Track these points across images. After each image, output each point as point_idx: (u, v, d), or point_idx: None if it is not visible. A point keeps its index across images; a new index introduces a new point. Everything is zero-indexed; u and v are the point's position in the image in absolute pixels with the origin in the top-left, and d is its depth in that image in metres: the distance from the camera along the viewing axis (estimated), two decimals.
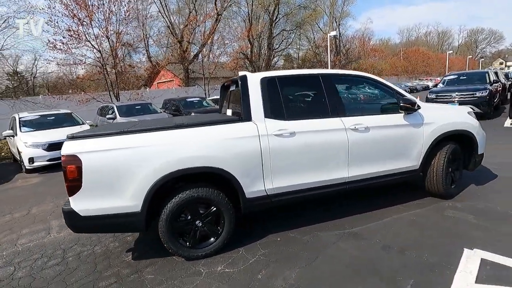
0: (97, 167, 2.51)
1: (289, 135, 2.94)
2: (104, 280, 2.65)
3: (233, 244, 2.99)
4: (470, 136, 3.70)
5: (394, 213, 3.46)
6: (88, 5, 13.75)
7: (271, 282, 2.41)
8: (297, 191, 3.06)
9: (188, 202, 2.72)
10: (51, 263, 3.04)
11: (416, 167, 3.48)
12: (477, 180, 4.26)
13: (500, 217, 3.17)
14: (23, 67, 39.03)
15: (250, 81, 3.01)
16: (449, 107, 4.16)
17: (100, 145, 2.55)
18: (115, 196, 2.55)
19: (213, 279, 2.53)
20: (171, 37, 21.79)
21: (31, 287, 2.65)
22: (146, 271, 2.72)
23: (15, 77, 35.27)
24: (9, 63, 31.50)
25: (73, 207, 2.52)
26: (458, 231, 2.96)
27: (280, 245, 2.98)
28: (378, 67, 39.91)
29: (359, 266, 2.53)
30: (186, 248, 2.79)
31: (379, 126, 3.27)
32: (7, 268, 3.03)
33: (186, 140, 2.70)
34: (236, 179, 2.79)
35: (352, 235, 3.06)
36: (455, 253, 2.58)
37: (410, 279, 2.30)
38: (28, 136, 7.58)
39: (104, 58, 15.43)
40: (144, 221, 2.63)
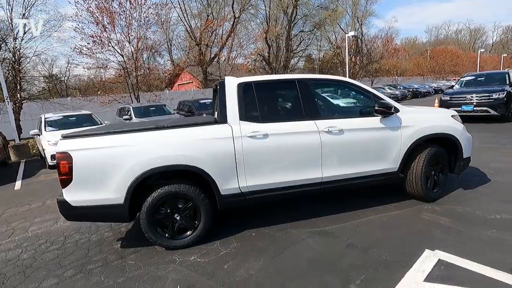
0: (85, 163, 2.85)
1: (262, 137, 3.14)
2: (92, 264, 2.99)
3: (211, 237, 3.24)
4: (453, 140, 3.70)
5: (371, 214, 3.54)
6: (111, 12, 14.66)
7: (233, 272, 2.63)
8: (271, 190, 3.24)
9: (166, 196, 3.00)
10: (52, 248, 3.44)
11: (394, 169, 3.54)
12: (467, 184, 4.21)
13: (476, 221, 3.17)
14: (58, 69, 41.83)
15: (228, 86, 3.25)
16: (432, 110, 4.14)
17: (89, 144, 2.89)
18: (101, 189, 2.88)
19: (185, 267, 2.78)
20: (190, 41, 22.50)
21: (32, 267, 3.05)
22: (129, 258, 3.03)
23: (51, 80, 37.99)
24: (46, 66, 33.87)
25: (65, 198, 2.89)
26: (427, 233, 3.01)
27: (253, 240, 3.18)
28: (402, 67, 38.62)
29: (319, 262, 2.68)
30: (165, 238, 3.07)
31: (354, 129, 3.38)
32: (16, 250, 3.47)
33: (165, 140, 2.98)
34: (211, 177, 3.03)
35: (322, 233, 3.20)
36: (415, 253, 2.66)
37: (362, 275, 2.42)
38: (51, 135, 8.28)
39: (125, 61, 16.36)
40: (127, 213, 2.94)
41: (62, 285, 2.68)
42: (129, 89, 16.49)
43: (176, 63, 27.60)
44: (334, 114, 3.60)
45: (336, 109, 4.03)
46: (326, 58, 37.01)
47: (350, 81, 3.61)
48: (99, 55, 15.54)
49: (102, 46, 14.25)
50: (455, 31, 75.07)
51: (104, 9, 14.47)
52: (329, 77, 3.64)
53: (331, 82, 3.70)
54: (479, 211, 3.39)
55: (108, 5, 14.78)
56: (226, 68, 20.09)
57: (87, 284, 2.66)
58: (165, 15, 20.69)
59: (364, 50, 35.38)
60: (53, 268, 2.99)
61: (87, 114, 9.93)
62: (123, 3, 15.04)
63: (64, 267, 2.98)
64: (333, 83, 3.72)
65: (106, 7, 14.61)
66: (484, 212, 3.34)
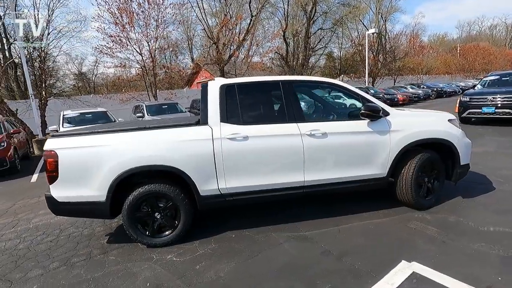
0: (70, 161, 2.98)
1: (242, 139, 3.13)
2: (77, 257, 3.13)
3: (192, 236, 3.29)
4: (448, 145, 3.50)
5: (356, 220, 3.44)
6: (131, 12, 15.17)
7: (203, 273, 2.65)
8: (251, 192, 3.24)
9: (147, 195, 3.08)
10: (47, 240, 3.64)
11: (382, 175, 3.41)
12: (468, 193, 3.97)
13: (466, 233, 2.99)
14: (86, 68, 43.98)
15: (210, 88, 3.27)
16: (427, 114, 3.93)
17: (74, 143, 3.02)
18: (84, 186, 3.01)
19: (159, 265, 2.85)
20: (207, 39, 22.77)
21: (24, 257, 3.25)
22: (112, 253, 3.15)
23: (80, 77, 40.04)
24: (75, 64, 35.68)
25: (52, 194, 3.04)
26: (410, 242, 2.88)
27: (231, 241, 3.19)
28: (428, 65, 36.87)
29: (290, 267, 2.64)
30: (145, 236, 3.15)
31: (339, 133, 3.29)
32: (15, 240, 3.71)
33: (145, 141, 3.06)
34: (190, 178, 3.07)
35: (301, 238, 3.15)
36: (390, 264, 2.55)
37: (328, 284, 2.37)
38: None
39: (143, 60, 16.88)
40: (109, 210, 3.04)
41: (45, 276, 2.84)
42: (147, 87, 17.01)
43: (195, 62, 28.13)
44: (319, 117, 3.52)
45: (322, 111, 3.92)
46: (347, 56, 36.13)
47: (337, 83, 3.51)
48: (119, 54, 16.19)
49: (121, 45, 14.80)
50: (490, 27, 70.46)
51: (124, 10, 14.99)
52: (314, 78, 3.56)
53: (317, 84, 3.62)
54: (473, 222, 3.19)
55: (128, 5, 15.32)
56: (241, 67, 20.15)
57: (67, 276, 2.80)
58: (183, 15, 21.10)
59: (387, 48, 34.16)
60: (42, 259, 3.17)
61: (102, 112, 10.36)
62: (142, 3, 15.53)
63: (51, 259, 3.15)
64: (319, 85, 3.63)
65: (126, 8, 15.14)
66: (477, 223, 3.14)
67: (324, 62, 41.70)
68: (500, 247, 2.68)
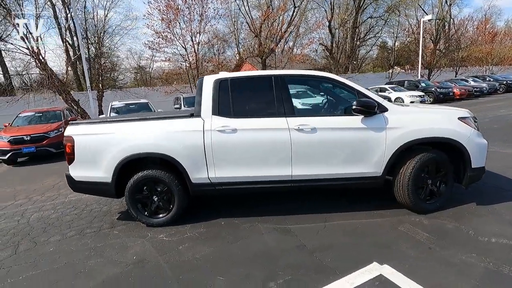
0: (84, 146, 3.45)
1: (231, 131, 3.27)
2: (90, 229, 3.64)
3: (186, 221, 3.56)
4: (457, 146, 3.19)
5: (348, 218, 3.36)
6: (177, 9, 16.10)
7: (183, 253, 2.90)
8: (239, 183, 3.37)
9: (145, 180, 3.42)
10: (73, 212, 4.25)
11: (377, 174, 3.27)
12: (487, 199, 3.58)
13: (460, 242, 2.74)
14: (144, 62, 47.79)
15: (205, 82, 3.45)
16: (435, 110, 3.57)
17: (87, 130, 3.48)
18: (95, 168, 3.45)
19: (150, 242, 3.17)
20: (249, 32, 23.03)
21: (52, 225, 3.86)
22: (117, 228, 3.59)
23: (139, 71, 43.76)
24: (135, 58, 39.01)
25: (70, 173, 3.56)
26: (392, 245, 2.75)
27: (220, 228, 3.39)
28: (500, 54, 32.20)
29: (262, 256, 2.74)
30: (144, 216, 3.51)
31: (329, 128, 3.22)
32: (50, 211, 4.41)
33: (145, 131, 3.38)
34: (182, 166, 3.32)
35: (284, 230, 3.20)
36: (360, 264, 2.49)
37: (289, 276, 2.42)
38: None
39: (188, 54, 17.84)
40: (114, 190, 3.45)
41: (61, 241, 3.37)
42: (189, 80, 17.97)
43: (235, 54, 28.60)
44: (311, 112, 3.48)
45: (315, 106, 3.83)
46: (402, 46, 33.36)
47: (332, 77, 3.40)
48: (166, 49, 17.37)
49: (166, 41, 15.85)
50: None
51: (170, 7, 15.96)
52: (307, 72, 3.49)
53: (310, 78, 3.55)
54: (474, 231, 2.90)
55: (175, 2, 16.26)
56: (282, 59, 20.02)
57: (77, 244, 3.29)
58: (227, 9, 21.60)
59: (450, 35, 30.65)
60: (64, 228, 3.75)
61: (144, 103, 11.30)
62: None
63: (71, 228, 3.70)
64: (312, 79, 3.55)
65: (172, 4, 16.10)
66: (478, 233, 2.85)
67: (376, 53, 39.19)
68: (492, 260, 2.43)
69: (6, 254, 3.18)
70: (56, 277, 2.69)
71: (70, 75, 17.20)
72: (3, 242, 3.49)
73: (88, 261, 2.91)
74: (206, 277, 2.49)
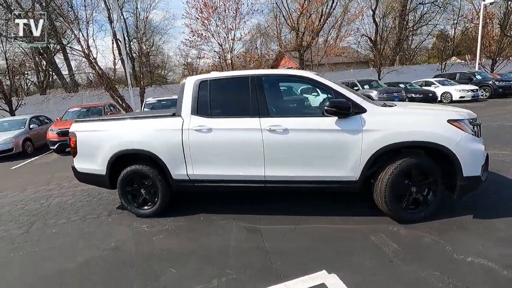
0: (84, 141, 3.86)
1: (206, 131, 3.38)
2: (91, 215, 4.08)
3: (170, 214, 3.78)
4: (443, 151, 2.87)
5: (323, 222, 3.26)
6: (212, 7, 16.58)
7: (154, 244, 3.11)
8: (215, 181, 3.48)
9: (133, 173, 3.72)
10: (85, 199, 4.78)
11: (353, 178, 3.10)
12: (489, 211, 3.18)
13: (429, 257, 2.50)
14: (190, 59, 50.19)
15: (187, 83, 3.60)
16: (421, 112, 3.20)
17: (87, 127, 3.89)
18: (93, 161, 3.85)
19: (132, 232, 3.46)
20: (287, 26, 22.69)
21: (65, 210, 4.40)
22: (112, 216, 3.97)
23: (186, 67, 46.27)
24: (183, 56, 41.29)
25: (74, 165, 4.01)
26: (351, 255, 2.62)
27: (197, 223, 3.55)
28: None
29: (221, 253, 2.82)
30: (133, 207, 3.82)
31: (301, 129, 3.14)
32: (68, 197, 5.01)
33: (133, 129, 3.66)
34: (164, 162, 3.53)
35: (253, 230, 3.23)
36: (308, 271, 2.43)
37: (234, 275, 2.47)
38: None
39: (223, 51, 18.30)
40: (108, 182, 3.82)
41: (65, 224, 3.85)
42: None
43: (278, 49, 28.42)
44: (286, 112, 3.39)
45: (291, 107, 3.69)
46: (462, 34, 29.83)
47: (309, 76, 3.26)
48: (204, 46, 18.05)
49: (201, 38, 16.45)
50: None
51: (205, 5, 16.49)
52: (284, 72, 3.40)
53: (286, 77, 3.44)
54: (453, 247, 2.61)
55: (212, 1, 16.74)
56: (318, 53, 19.39)
57: (75, 227, 3.73)
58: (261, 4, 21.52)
59: None
60: (72, 213, 4.25)
61: (175, 99, 11.96)
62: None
63: (77, 214, 4.19)
64: (289, 78, 3.45)
65: (209, 3, 16.61)
66: (456, 250, 2.56)
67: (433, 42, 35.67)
68: (455, 281, 2.18)
69: (20, 232, 3.74)
70: (47, 254, 3.10)
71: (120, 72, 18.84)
72: (23, 221, 4.10)
73: (77, 244, 3.30)
74: (161, 268, 2.66)
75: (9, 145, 9.34)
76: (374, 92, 13.35)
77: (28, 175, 7.15)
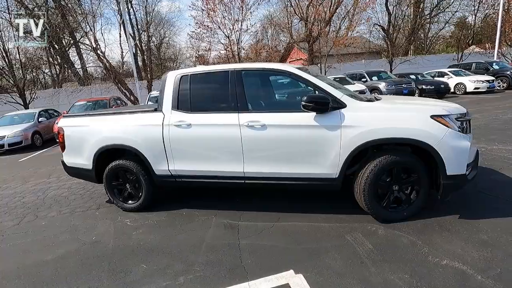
0: (71, 136, 3.92)
1: (186, 126, 3.35)
2: (80, 208, 4.18)
3: (153, 209, 3.81)
4: (425, 148, 2.73)
5: (302, 220, 3.19)
6: None
7: (132, 239, 3.15)
8: (195, 176, 3.47)
9: (117, 168, 3.75)
10: (79, 193, 4.90)
11: (332, 175, 3.01)
12: (480, 212, 3.02)
13: (401, 259, 2.40)
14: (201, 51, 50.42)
15: (168, 78, 3.57)
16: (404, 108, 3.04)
17: (73, 123, 3.94)
18: (80, 156, 3.91)
19: (116, 225, 3.51)
20: (295, 16, 22.24)
21: (58, 202, 4.53)
22: (100, 210, 4.04)
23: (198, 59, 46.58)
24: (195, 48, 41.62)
25: (63, 159, 4.09)
26: (323, 254, 2.55)
27: (179, 218, 3.56)
28: None
29: (194, 249, 2.81)
30: (119, 201, 3.88)
31: (279, 125, 3.06)
32: (65, 189, 5.14)
33: (115, 124, 3.68)
34: (145, 157, 3.54)
35: (231, 226, 3.21)
36: (276, 270, 2.39)
37: (200, 272, 2.46)
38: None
39: (230, 42, 18.16)
40: (95, 176, 3.88)
41: (55, 217, 3.96)
42: None
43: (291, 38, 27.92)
44: (264, 107, 3.31)
45: (273, 102, 3.57)
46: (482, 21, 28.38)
47: (288, 70, 3.15)
48: (211, 39, 17.98)
49: (207, 30, 16.37)
50: None
51: None
52: (263, 65, 3.28)
53: (266, 71, 3.34)
54: (430, 249, 2.49)
55: None
56: (328, 43, 18.90)
57: (63, 220, 3.83)
58: None
59: None
60: (64, 205, 4.37)
61: None
62: None
63: (68, 207, 4.30)
64: (268, 72, 3.34)
65: None
66: (433, 253, 2.44)
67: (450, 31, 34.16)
68: (423, 284, 2.09)
69: (12, 224, 3.87)
70: (31, 247, 3.20)
71: (129, 66, 19.09)
72: (17, 214, 4.24)
73: (61, 236, 3.38)
74: (133, 263, 2.69)
75: (19, 138, 9.67)
76: (382, 83, 12.94)
77: (33, 167, 7.39)
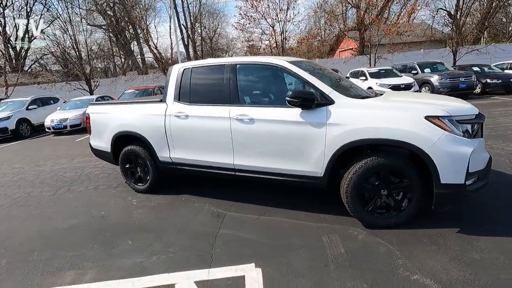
0: (95, 122, 4.42)
1: (184, 117, 3.53)
2: (102, 186, 4.71)
3: (159, 192, 4.12)
4: (416, 152, 2.47)
5: (286, 216, 3.17)
6: None
7: (132, 217, 3.48)
8: (192, 165, 3.66)
9: (129, 153, 4.13)
10: (108, 172, 5.48)
11: (317, 174, 2.91)
12: (483, 227, 2.65)
13: (364, 268, 2.25)
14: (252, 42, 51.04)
15: (173, 70, 3.77)
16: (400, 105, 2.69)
17: (97, 110, 4.42)
18: (101, 139, 4.39)
19: (123, 203, 3.91)
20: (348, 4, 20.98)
21: (76, 182, 5.13)
22: (117, 189, 4.50)
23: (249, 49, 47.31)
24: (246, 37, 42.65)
25: (90, 142, 4.64)
26: (289, 253, 2.52)
27: (176, 203, 3.81)
28: None
29: (177, 233, 3.02)
30: (132, 182, 4.28)
31: (266, 120, 3.04)
32: (98, 168, 5.80)
33: (127, 112, 4.04)
34: (151, 144, 3.84)
35: (219, 215, 3.34)
36: (240, 261, 2.45)
37: (171, 254, 2.64)
38: None
39: (274, 33, 18.01)
40: (112, 158, 4.34)
41: (81, 192, 4.54)
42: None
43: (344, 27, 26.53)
44: (255, 101, 3.28)
45: (264, 96, 3.46)
46: None
47: (281, 64, 3.05)
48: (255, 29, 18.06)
49: (250, 21, 16.44)
50: None
51: None
52: (258, 59, 3.22)
53: (259, 65, 3.27)
54: (406, 261, 2.29)
55: None
56: (379, 32, 17.50)
57: (87, 195, 4.38)
58: None
59: None
60: (92, 182, 4.97)
61: None
62: None
63: (94, 183, 4.88)
64: (261, 66, 3.26)
65: None
66: (407, 265, 2.24)
67: None
68: None
69: (48, 194, 4.56)
70: (55, 215, 3.75)
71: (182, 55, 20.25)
72: (56, 186, 4.96)
73: (80, 209, 3.89)
74: (122, 239, 2.99)
75: (78, 120, 11.09)
76: (435, 76, 11.62)
77: (83, 147, 8.43)
